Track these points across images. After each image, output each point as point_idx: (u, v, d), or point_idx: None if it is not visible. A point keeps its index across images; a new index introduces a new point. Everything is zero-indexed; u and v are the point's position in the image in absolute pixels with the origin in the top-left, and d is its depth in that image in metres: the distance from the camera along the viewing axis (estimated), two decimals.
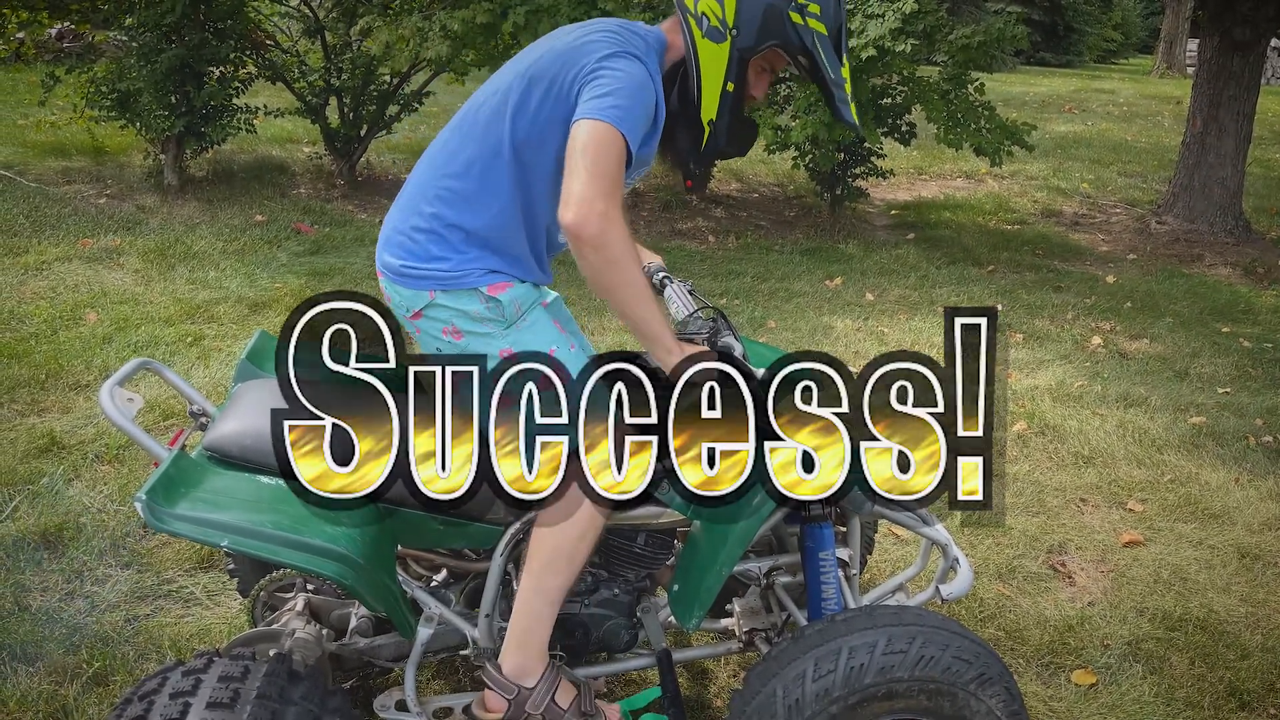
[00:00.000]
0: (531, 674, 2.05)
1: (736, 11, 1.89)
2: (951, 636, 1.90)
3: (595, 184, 1.76)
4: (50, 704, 2.44)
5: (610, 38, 1.92)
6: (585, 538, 1.98)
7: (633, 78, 1.85)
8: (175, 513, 1.77)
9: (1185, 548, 3.49)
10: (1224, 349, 5.57)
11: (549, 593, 2.01)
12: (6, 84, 10.66)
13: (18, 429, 3.80)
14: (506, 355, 1.93)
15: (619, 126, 1.80)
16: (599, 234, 1.76)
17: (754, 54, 1.93)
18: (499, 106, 1.96)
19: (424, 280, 1.98)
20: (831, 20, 1.93)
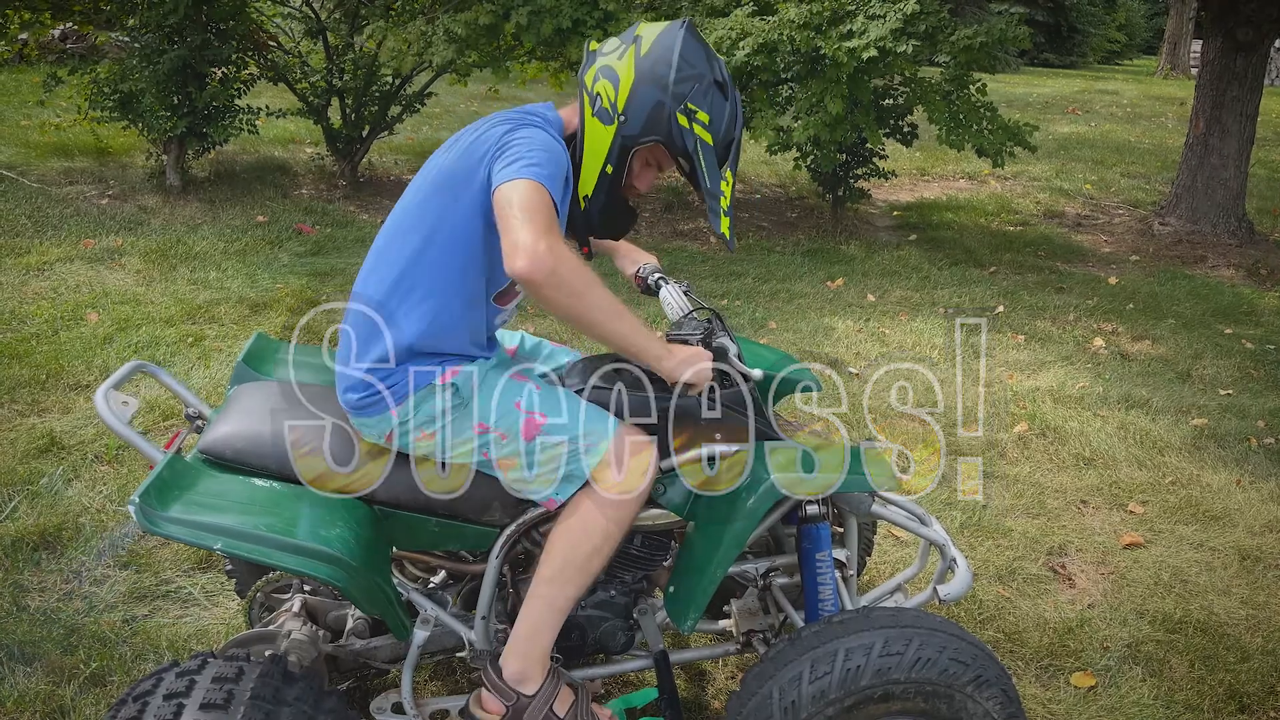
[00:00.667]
0: (532, 681, 2.04)
1: (628, 100, 1.93)
2: (949, 639, 1.89)
3: (532, 228, 1.75)
4: (48, 704, 2.44)
5: (507, 118, 1.95)
6: (600, 551, 1.98)
7: (541, 141, 1.88)
8: (169, 515, 1.76)
9: (1186, 550, 3.48)
10: (1226, 350, 5.55)
11: (558, 602, 2.01)
12: (10, 85, 10.67)
13: (18, 429, 3.81)
14: (481, 429, 1.97)
15: (539, 180, 1.80)
16: (550, 273, 1.74)
17: (636, 144, 1.95)
18: (416, 221, 1.98)
19: (382, 403, 1.99)
20: (720, 133, 1.97)
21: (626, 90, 1.93)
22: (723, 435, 2.10)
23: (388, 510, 2.03)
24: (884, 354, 5.22)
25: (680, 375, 1.95)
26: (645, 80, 1.93)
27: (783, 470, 1.93)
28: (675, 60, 1.93)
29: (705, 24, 6.96)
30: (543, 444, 1.96)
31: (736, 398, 2.13)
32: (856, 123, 6.76)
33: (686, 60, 1.94)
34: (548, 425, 1.96)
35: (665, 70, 1.92)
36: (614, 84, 1.94)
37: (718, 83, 1.97)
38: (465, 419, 1.98)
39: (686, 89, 1.93)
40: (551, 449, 1.96)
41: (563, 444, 1.96)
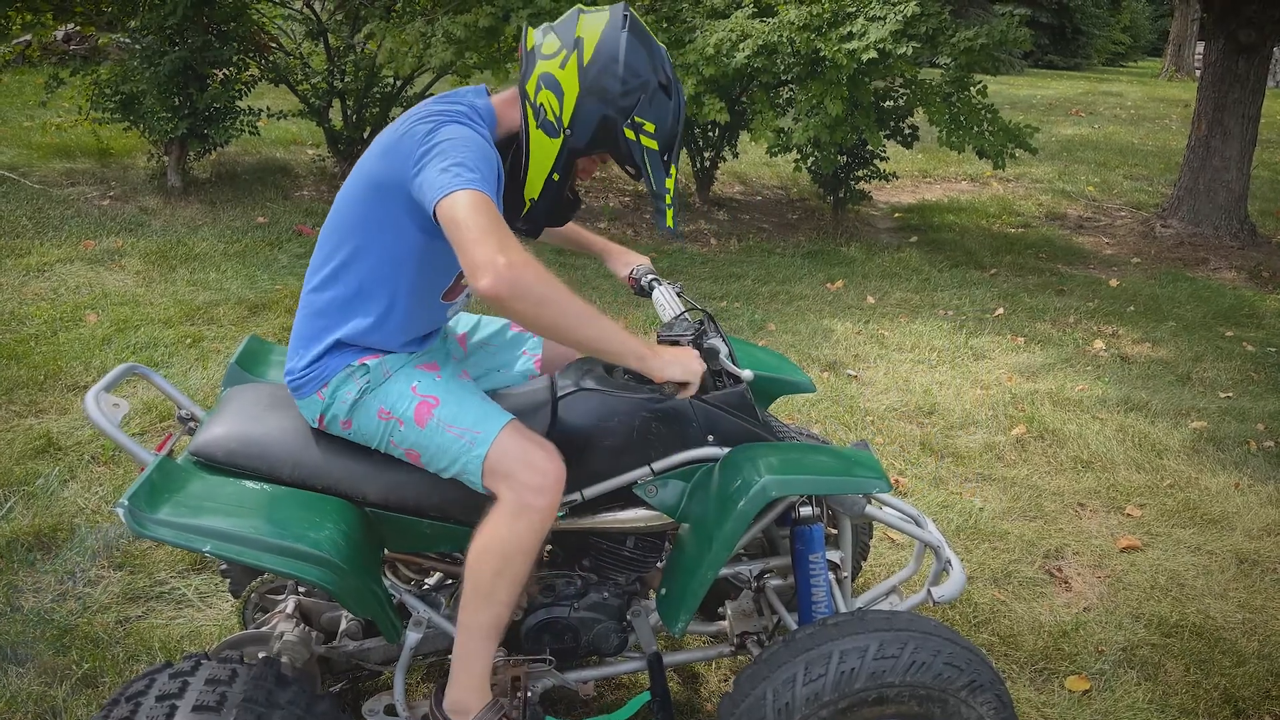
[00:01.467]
0: (467, 711, 1.99)
1: (574, 115, 1.89)
2: (943, 643, 1.89)
3: (486, 243, 1.70)
4: (39, 705, 2.44)
5: (429, 114, 1.89)
6: (503, 573, 1.89)
7: (466, 140, 1.82)
8: (157, 518, 1.76)
9: (1183, 553, 3.47)
10: (1227, 353, 5.54)
11: (474, 629, 1.95)
12: (12, 86, 10.70)
13: (15, 429, 3.81)
14: (383, 415, 1.96)
15: (477, 188, 1.75)
16: (513, 286, 1.69)
17: (583, 155, 1.95)
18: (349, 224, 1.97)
19: (310, 386, 2.00)
20: (665, 138, 1.94)
21: (571, 104, 1.89)
22: (715, 437, 2.10)
23: (379, 512, 2.03)
24: (883, 356, 5.21)
25: (667, 374, 1.92)
26: (591, 94, 1.89)
27: (774, 472, 1.92)
28: (620, 72, 1.88)
29: (706, 25, 6.96)
30: (433, 431, 1.93)
31: (730, 399, 2.12)
32: (857, 124, 6.76)
33: (632, 70, 1.89)
34: (438, 410, 1.93)
35: (611, 83, 1.88)
36: (558, 96, 1.90)
37: (662, 85, 1.93)
38: (372, 404, 1.97)
39: (633, 101, 1.89)
40: (443, 437, 1.92)
41: (452, 431, 1.92)
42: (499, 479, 1.90)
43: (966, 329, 5.69)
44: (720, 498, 1.96)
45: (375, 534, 2.04)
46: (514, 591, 1.93)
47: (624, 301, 5.78)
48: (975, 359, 5.26)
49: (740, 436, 2.11)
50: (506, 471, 1.89)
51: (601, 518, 2.13)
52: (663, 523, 2.13)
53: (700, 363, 1.97)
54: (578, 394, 2.09)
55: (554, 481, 1.90)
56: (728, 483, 1.97)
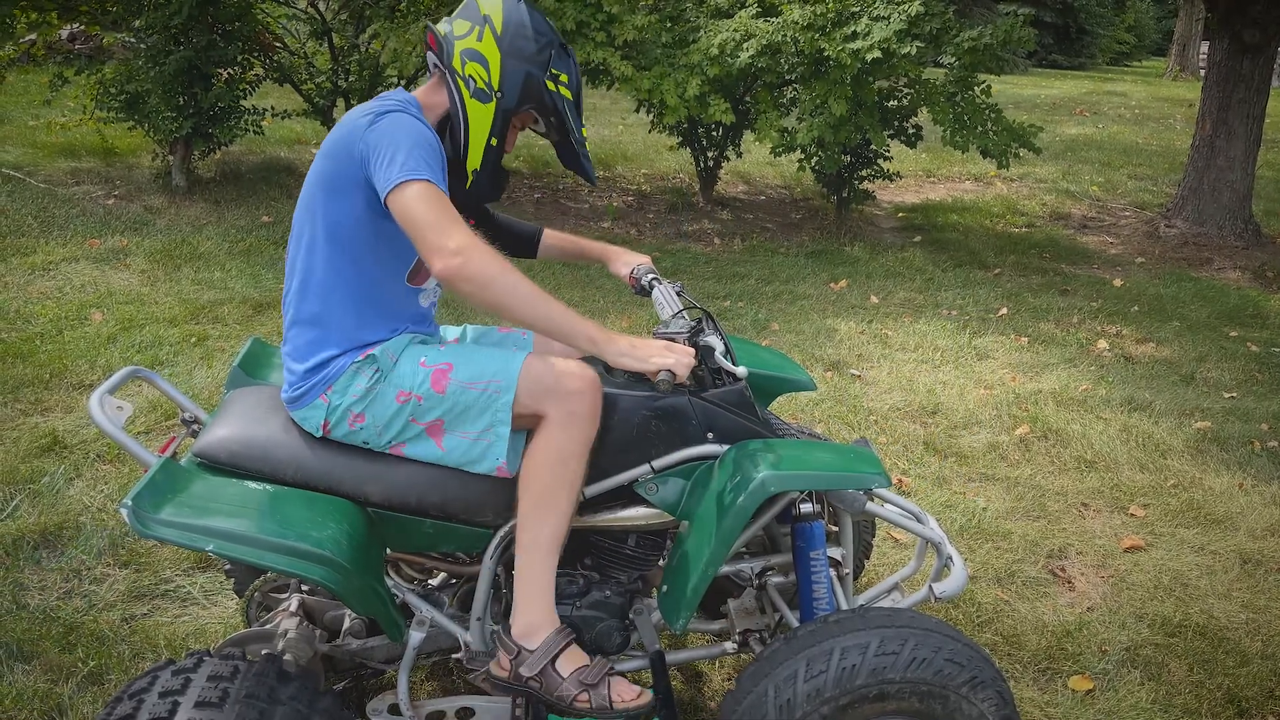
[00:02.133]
0: (535, 636, 2.02)
1: (501, 77, 2.09)
2: (944, 639, 1.89)
3: (437, 230, 1.87)
4: (45, 702, 2.45)
5: (366, 110, 2.03)
6: (560, 481, 1.98)
7: (406, 129, 1.97)
8: (161, 518, 1.77)
9: (1187, 553, 3.47)
10: (1231, 353, 5.54)
11: (539, 543, 2.00)
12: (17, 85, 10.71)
13: (20, 428, 3.82)
14: (402, 398, 2.01)
15: (423, 177, 1.91)
16: (461, 268, 1.86)
17: (515, 114, 2.13)
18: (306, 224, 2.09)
19: (312, 393, 2.06)
20: (575, 88, 2.19)
21: (497, 69, 2.09)
22: (715, 434, 2.10)
23: (381, 512, 2.04)
24: (886, 356, 5.21)
25: (622, 363, 1.99)
26: (512, 57, 2.10)
27: (773, 467, 1.92)
28: (530, 34, 2.11)
29: (710, 25, 6.96)
30: (455, 393, 2.00)
31: (729, 396, 2.13)
32: (861, 124, 6.76)
33: (538, 30, 2.13)
34: (454, 373, 2.02)
35: (526, 44, 2.11)
36: (484, 65, 2.09)
37: (562, 44, 2.18)
38: (388, 391, 2.02)
39: (547, 57, 2.12)
40: (466, 395, 1.99)
41: (474, 386, 2.00)
42: (540, 399, 1.99)
43: (970, 329, 5.69)
44: (720, 494, 1.97)
45: (378, 534, 2.05)
46: (572, 497, 2.01)
47: (627, 301, 5.79)
48: (979, 359, 5.26)
49: (740, 434, 2.12)
50: (547, 389, 1.99)
51: (602, 516, 2.13)
52: (664, 520, 2.13)
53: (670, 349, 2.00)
54: None
55: (591, 384, 2.02)
56: (727, 479, 1.98)
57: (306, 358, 2.06)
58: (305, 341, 2.07)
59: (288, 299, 2.12)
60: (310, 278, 2.06)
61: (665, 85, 6.56)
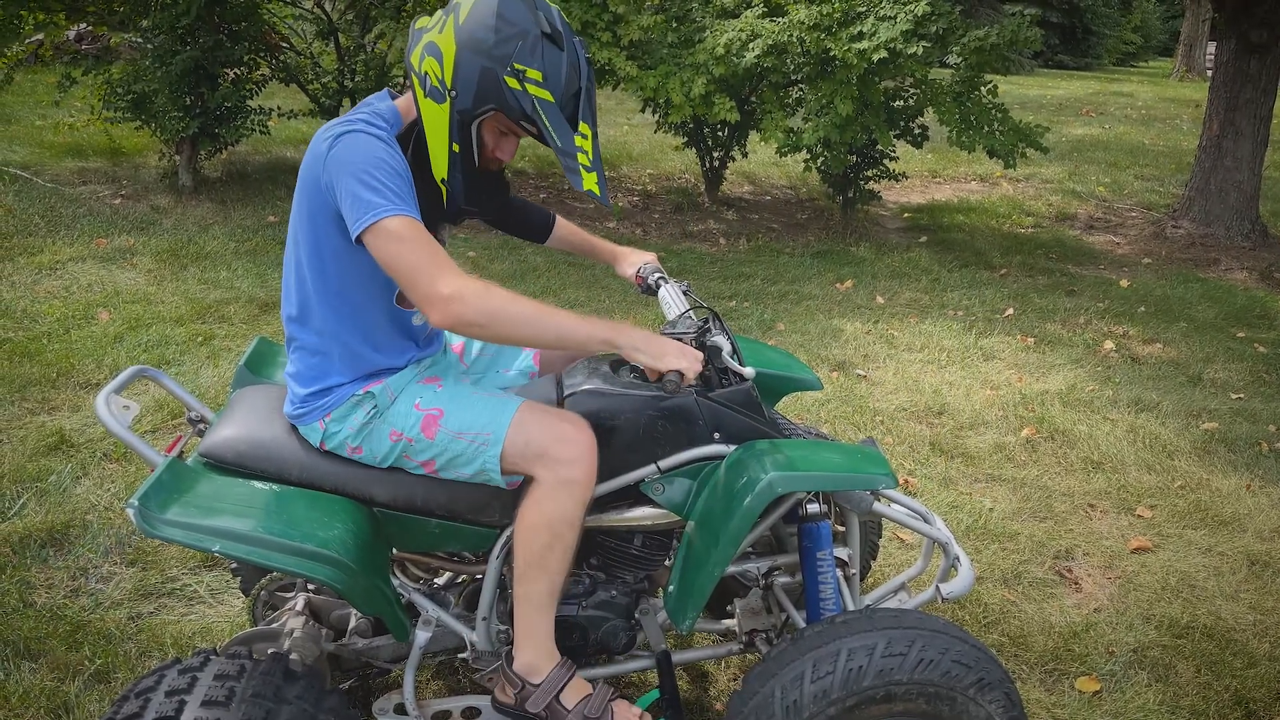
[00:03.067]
0: (538, 672, 2.06)
1: (454, 73, 1.84)
2: (951, 641, 1.88)
3: (424, 275, 1.77)
4: (52, 700, 2.45)
5: (329, 131, 1.89)
6: (552, 548, 1.96)
7: (358, 154, 1.82)
8: (167, 518, 1.77)
9: (1194, 554, 3.46)
10: (1238, 354, 5.52)
11: (534, 598, 2.01)
12: (25, 85, 10.74)
13: (28, 426, 3.83)
14: (395, 437, 1.99)
15: (393, 213, 1.78)
16: (460, 314, 1.78)
17: (474, 117, 1.88)
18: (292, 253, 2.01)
19: (312, 415, 2.03)
20: (560, 88, 1.86)
21: (451, 63, 1.84)
22: (722, 434, 2.10)
23: (387, 512, 2.04)
24: (892, 356, 5.20)
25: (637, 358, 1.93)
26: (467, 49, 1.83)
27: (781, 468, 1.92)
28: (494, 22, 1.83)
29: (715, 25, 6.96)
30: (443, 440, 1.97)
31: (736, 396, 2.12)
32: (866, 124, 6.75)
33: (505, 19, 1.83)
34: (444, 420, 1.97)
35: (485, 34, 1.83)
36: (439, 60, 1.86)
37: (547, 35, 1.86)
38: (382, 429, 2.00)
39: (510, 49, 1.83)
40: (455, 444, 1.96)
41: (462, 436, 1.96)
42: (531, 462, 1.94)
43: (976, 329, 5.68)
44: (726, 494, 1.96)
45: (383, 533, 2.05)
46: (567, 558, 1.99)
47: (632, 301, 5.78)
48: (985, 359, 5.25)
49: (747, 434, 2.11)
50: (538, 452, 1.93)
51: (609, 516, 2.13)
52: (670, 520, 2.13)
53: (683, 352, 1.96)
54: (584, 393, 2.10)
55: (587, 449, 1.95)
56: (734, 479, 1.97)
57: (308, 383, 2.04)
58: (306, 367, 2.04)
59: (286, 321, 2.08)
60: (304, 307, 2.01)
61: (670, 85, 6.56)
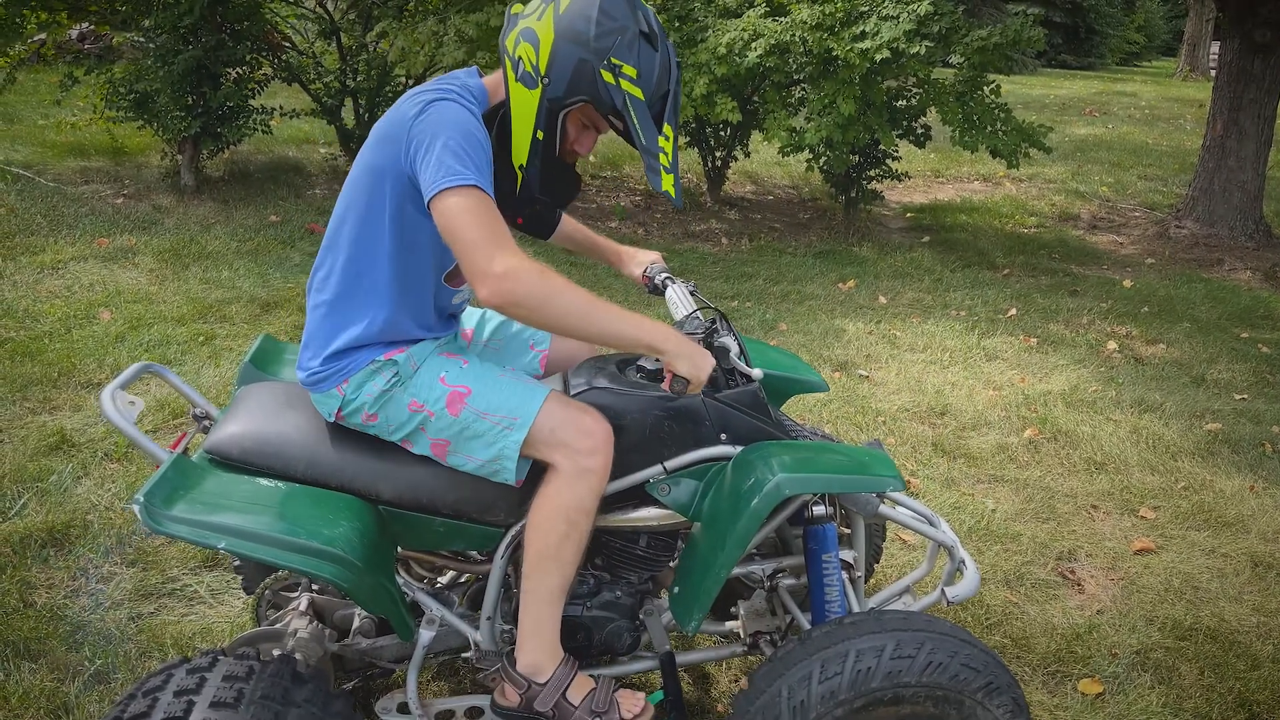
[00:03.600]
0: (543, 671, 2.06)
1: (550, 61, 1.85)
2: (960, 644, 1.88)
3: (482, 251, 1.76)
4: (51, 700, 2.45)
5: (419, 96, 1.90)
6: (569, 536, 1.96)
7: (450, 121, 1.82)
8: (172, 515, 1.77)
9: (1197, 556, 3.45)
10: (1242, 355, 5.51)
11: (542, 593, 2.02)
12: (28, 85, 10.74)
13: (29, 426, 3.83)
14: (414, 407, 1.98)
15: (469, 183, 1.78)
16: (509, 294, 1.76)
17: (564, 106, 1.88)
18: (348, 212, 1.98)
19: (329, 381, 2.02)
20: (651, 87, 1.88)
21: (547, 51, 1.85)
22: (728, 435, 2.09)
23: (392, 510, 2.03)
24: (895, 356, 5.19)
25: (678, 367, 1.91)
26: (565, 38, 1.84)
27: (788, 470, 1.91)
28: (595, 15, 1.84)
29: (718, 25, 6.95)
30: (468, 418, 1.95)
31: (743, 398, 2.12)
32: (869, 124, 6.74)
33: (607, 14, 1.85)
34: (471, 399, 1.96)
35: (585, 26, 1.84)
36: (534, 46, 1.86)
37: (644, 34, 1.89)
38: (403, 397, 1.99)
39: (609, 43, 1.84)
40: (479, 424, 1.95)
41: (488, 417, 1.95)
42: (553, 449, 1.95)
43: (979, 329, 5.67)
44: (733, 496, 1.96)
45: (389, 532, 2.04)
46: (580, 550, 1.99)
47: (635, 300, 5.78)
48: (987, 359, 5.24)
49: (753, 435, 2.11)
50: (561, 441, 1.94)
51: (614, 516, 2.12)
52: (676, 521, 2.13)
53: (709, 361, 1.96)
54: (590, 393, 2.09)
55: (604, 441, 1.96)
56: (741, 481, 1.97)
57: (327, 343, 2.01)
58: (329, 327, 2.02)
59: (315, 281, 2.05)
60: (347, 265, 1.98)
61: None
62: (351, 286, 2.00)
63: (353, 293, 2.00)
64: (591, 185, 9.09)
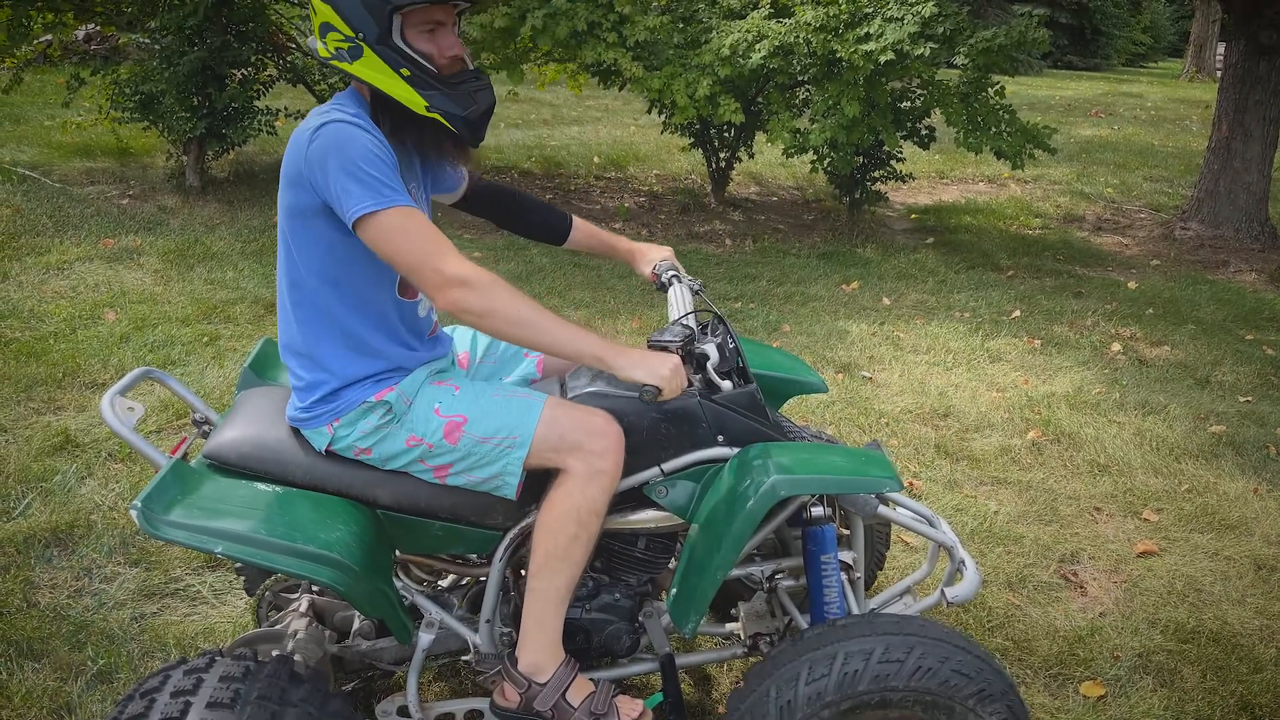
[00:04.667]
0: (544, 671, 2.06)
1: (347, 19, 1.85)
2: (952, 650, 1.87)
3: (430, 260, 1.79)
4: (54, 700, 2.46)
5: (304, 129, 1.87)
6: (578, 537, 1.97)
7: (339, 144, 1.80)
8: (171, 520, 1.77)
9: (1200, 558, 3.44)
10: (1247, 357, 5.49)
11: (549, 594, 2.02)
12: (33, 85, 10.78)
13: (33, 426, 3.84)
14: (412, 442, 1.98)
15: (382, 205, 1.78)
16: (464, 299, 1.79)
17: (389, 33, 1.85)
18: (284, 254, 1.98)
19: (318, 419, 2.01)
20: None
21: (338, 17, 1.85)
22: (725, 437, 2.09)
23: (390, 514, 2.03)
24: (898, 358, 5.19)
25: (632, 375, 1.91)
26: None
27: (784, 471, 1.91)
28: None
29: (721, 26, 6.95)
30: (467, 444, 1.96)
31: (740, 399, 2.12)
32: (873, 125, 6.73)
33: None
34: (468, 426, 1.97)
35: None
36: (331, 28, 1.87)
37: None
38: (399, 433, 1.99)
39: None
40: (480, 448, 1.96)
41: (488, 441, 1.96)
42: (564, 454, 1.96)
43: (983, 331, 5.66)
44: (730, 498, 1.96)
45: (387, 536, 2.04)
46: (588, 551, 2.01)
47: (638, 301, 5.78)
48: (991, 361, 5.23)
49: (750, 437, 2.11)
50: (573, 444, 1.96)
51: (612, 519, 2.12)
52: (673, 524, 2.13)
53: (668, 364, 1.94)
54: (587, 395, 2.09)
55: (616, 441, 1.99)
56: (737, 482, 1.97)
57: (309, 391, 2.01)
58: (306, 376, 2.01)
59: (282, 338, 2.05)
60: (299, 313, 1.98)
61: (675, 86, 6.55)
62: (312, 336, 1.99)
63: (319, 335, 1.99)
64: (595, 186, 9.10)
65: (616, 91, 7.35)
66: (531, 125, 12.35)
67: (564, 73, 8.33)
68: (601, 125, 12.86)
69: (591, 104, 14.73)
